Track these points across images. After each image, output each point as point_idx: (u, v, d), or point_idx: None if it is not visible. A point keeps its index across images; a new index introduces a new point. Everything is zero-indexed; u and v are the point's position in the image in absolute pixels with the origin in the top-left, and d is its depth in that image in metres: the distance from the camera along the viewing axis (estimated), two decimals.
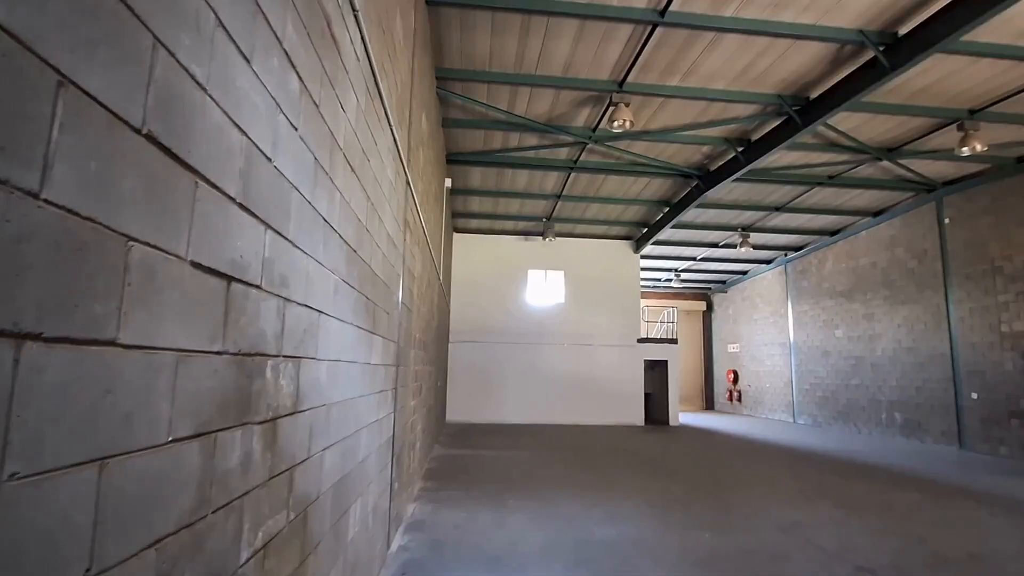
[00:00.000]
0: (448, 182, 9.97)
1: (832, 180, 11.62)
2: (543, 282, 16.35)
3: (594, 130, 9.29)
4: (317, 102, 2.01)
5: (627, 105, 7.72)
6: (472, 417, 15.03)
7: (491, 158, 10.68)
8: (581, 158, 10.63)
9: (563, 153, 10.51)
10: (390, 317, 3.90)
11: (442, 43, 7.03)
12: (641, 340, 16.28)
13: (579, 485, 7.30)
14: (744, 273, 20.79)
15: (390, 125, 3.46)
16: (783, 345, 18.54)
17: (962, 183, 11.70)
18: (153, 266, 1.05)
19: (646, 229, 15.39)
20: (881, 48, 6.57)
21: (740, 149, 9.76)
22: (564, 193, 12.65)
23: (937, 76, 7.60)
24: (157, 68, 1.04)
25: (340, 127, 2.34)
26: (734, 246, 15.93)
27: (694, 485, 7.53)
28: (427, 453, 8.29)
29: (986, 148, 8.85)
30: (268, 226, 1.60)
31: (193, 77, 1.17)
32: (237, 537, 1.47)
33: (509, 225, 15.51)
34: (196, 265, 1.21)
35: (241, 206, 1.42)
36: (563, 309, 16.14)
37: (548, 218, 14.63)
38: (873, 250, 14.51)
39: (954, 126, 8.84)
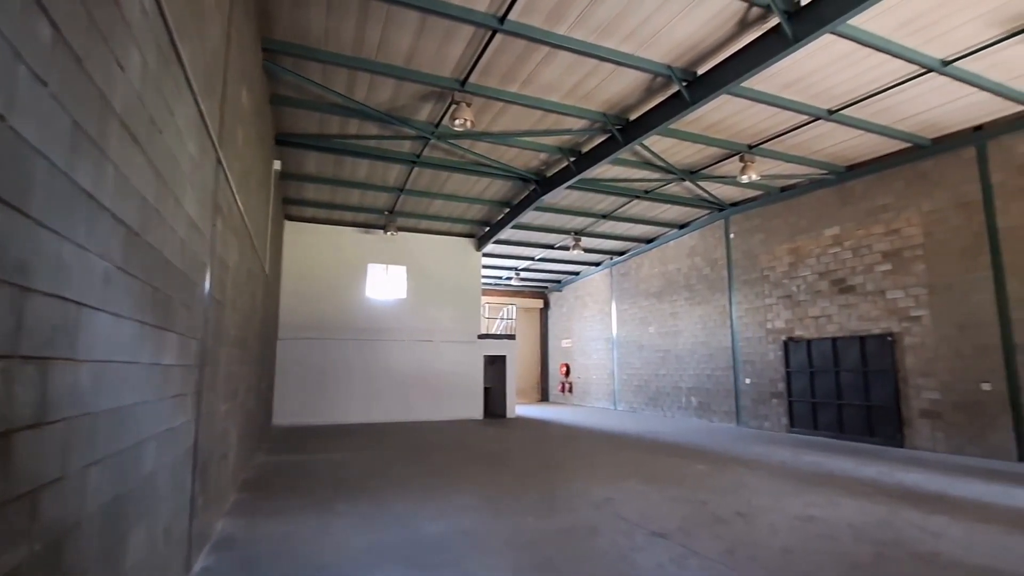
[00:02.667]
0: (277, 165, 9.18)
1: (647, 194, 13.18)
2: (384, 277, 15.93)
3: (437, 126, 9.30)
4: (80, 56, 1.70)
5: (469, 105, 7.87)
6: (305, 419, 14.07)
7: (328, 144, 10.09)
8: (424, 153, 10.58)
9: (406, 146, 10.35)
10: (192, 312, 3.46)
11: (270, 13, 6.44)
12: (482, 336, 16.76)
13: (413, 483, 7.26)
14: (577, 274, 22.55)
15: (193, 94, 3.07)
16: (607, 340, 20.54)
17: (743, 205, 14.10)
18: None
19: (488, 228, 15.87)
20: (684, 84, 7.62)
21: (572, 159, 10.56)
22: (407, 187, 12.47)
23: (726, 114, 9.04)
24: None
25: (117, 89, 2.00)
26: (568, 248, 17.20)
27: (524, 473, 7.96)
28: (246, 461, 7.56)
29: (759, 177, 10.78)
30: None
31: None
32: None
33: (348, 216, 14.82)
34: None
35: None
36: (405, 305, 15.91)
37: (390, 211, 14.30)
38: (678, 258, 16.78)
39: (737, 157, 10.61)
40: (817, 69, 7.62)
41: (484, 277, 21.76)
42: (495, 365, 17.29)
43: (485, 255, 18.18)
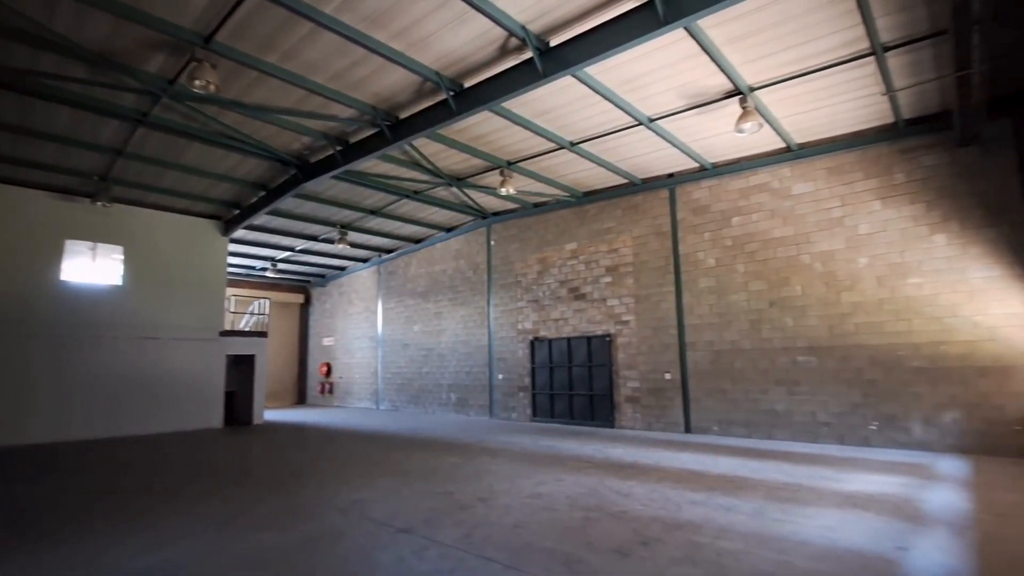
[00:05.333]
0: None
1: (417, 195, 13.38)
2: (91, 257, 12.79)
3: (171, 83, 7.86)
4: None
5: (214, 66, 6.82)
6: None
7: (9, 78, 7.65)
8: (154, 112, 8.83)
9: (128, 99, 8.48)
10: None
11: None
12: (225, 333, 14.75)
13: (116, 513, 5.97)
14: (343, 269, 21.63)
15: None
16: (372, 338, 20.17)
17: (503, 215, 15.40)
18: None
19: (239, 211, 14.08)
20: (451, 93, 7.94)
21: (339, 148, 10.06)
22: (129, 150, 10.24)
23: (489, 129, 9.72)
24: None
25: None
26: (333, 242, 16.36)
27: (265, 484, 7.24)
28: None
29: (516, 192, 11.89)
30: None
31: None
32: None
33: (38, 176, 11.48)
34: None
35: None
36: (121, 293, 13.02)
37: (102, 177, 11.53)
38: (445, 259, 17.46)
39: (498, 171, 11.52)
40: (563, 104, 8.76)
41: (232, 266, 19.32)
42: (241, 366, 15.42)
43: (234, 241, 16.11)
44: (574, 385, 13.39)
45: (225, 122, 9.18)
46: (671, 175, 11.97)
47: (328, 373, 22.31)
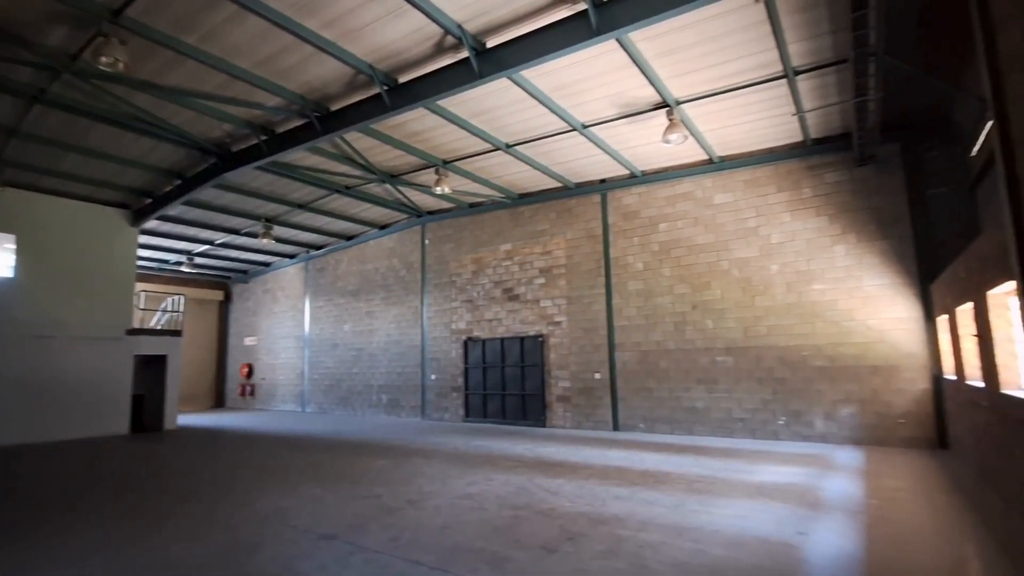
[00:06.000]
0: None
1: (349, 191, 12.98)
2: None
3: (74, 58, 7.17)
4: None
5: (123, 43, 6.28)
6: None
7: None
8: (53, 90, 8.02)
9: (24, 74, 7.66)
10: None
11: None
12: (132, 331, 13.63)
13: (6, 528, 5.37)
14: (267, 265, 20.61)
15: None
16: (299, 338, 19.34)
17: (438, 214, 15.25)
18: None
19: (151, 200, 13.07)
20: (385, 88, 7.77)
21: (264, 138, 9.57)
22: (24, 130, 9.25)
23: (425, 127, 9.60)
24: None
25: None
26: (256, 236, 15.55)
27: (175, 495, 6.76)
28: None
29: (451, 191, 11.80)
30: None
31: None
32: None
33: None
34: None
35: None
36: (13, 287, 11.72)
37: None
38: (377, 257, 17.05)
39: (433, 169, 11.40)
40: (500, 106, 8.80)
41: (143, 259, 17.93)
42: (152, 367, 14.31)
43: (145, 232, 14.97)
44: (507, 385, 13.47)
45: (136, 104, 8.49)
46: (603, 181, 12.32)
47: (249, 375, 21.17)
